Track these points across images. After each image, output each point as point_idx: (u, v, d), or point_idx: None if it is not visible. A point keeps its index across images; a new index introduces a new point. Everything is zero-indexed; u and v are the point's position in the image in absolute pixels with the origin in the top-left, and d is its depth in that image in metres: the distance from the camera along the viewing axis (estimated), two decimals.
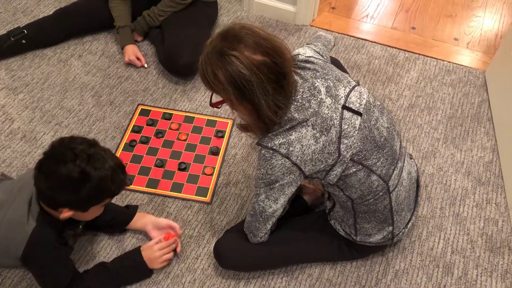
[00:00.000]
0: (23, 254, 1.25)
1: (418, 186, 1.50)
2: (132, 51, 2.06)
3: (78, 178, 1.16)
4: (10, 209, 1.28)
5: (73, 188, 1.18)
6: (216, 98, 1.23)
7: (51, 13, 2.15)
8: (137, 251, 1.45)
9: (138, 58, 2.06)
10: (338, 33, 2.30)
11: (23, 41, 2.05)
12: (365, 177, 1.25)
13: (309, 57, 1.30)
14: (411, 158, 1.49)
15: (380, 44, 2.27)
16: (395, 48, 2.25)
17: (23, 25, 2.10)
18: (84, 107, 1.92)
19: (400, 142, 1.35)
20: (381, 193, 1.30)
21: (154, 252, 1.45)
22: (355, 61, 2.17)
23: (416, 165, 1.50)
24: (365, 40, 2.28)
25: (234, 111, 1.23)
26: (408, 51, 2.24)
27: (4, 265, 1.45)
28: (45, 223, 1.27)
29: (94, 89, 1.98)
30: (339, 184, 1.27)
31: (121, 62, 2.09)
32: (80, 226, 1.42)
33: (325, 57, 1.42)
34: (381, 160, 1.26)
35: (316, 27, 2.32)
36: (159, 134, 1.83)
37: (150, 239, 1.51)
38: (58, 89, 1.97)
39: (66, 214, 1.24)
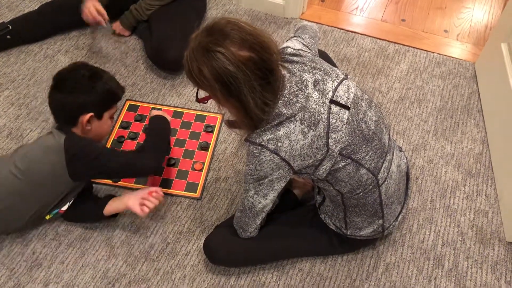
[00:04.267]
0: (67, 157, 1.35)
1: (408, 178, 1.50)
2: (92, 4, 1.89)
3: (90, 76, 1.38)
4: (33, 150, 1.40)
5: (89, 86, 1.37)
6: (202, 94, 1.21)
7: (36, 8, 2.12)
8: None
9: (98, 13, 1.89)
10: (328, 25, 2.28)
11: (8, 36, 2.02)
12: (354, 171, 1.25)
13: (298, 50, 1.29)
14: (400, 151, 1.48)
15: (370, 36, 2.26)
16: (385, 40, 2.24)
17: (8, 20, 2.06)
18: None
19: (389, 135, 1.34)
20: (370, 187, 1.29)
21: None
22: (345, 54, 2.16)
23: (406, 157, 1.50)
24: (355, 32, 2.27)
25: (220, 107, 1.22)
26: (398, 43, 2.23)
27: (54, 195, 1.44)
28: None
29: None
30: (329, 178, 1.27)
31: (109, 57, 2.06)
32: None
33: (313, 51, 1.40)
34: (370, 153, 1.25)
35: (306, 20, 2.30)
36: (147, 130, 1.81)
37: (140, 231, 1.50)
38: (45, 85, 1.94)
39: (86, 117, 1.38)
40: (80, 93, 1.37)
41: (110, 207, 1.47)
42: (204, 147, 1.78)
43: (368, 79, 2.07)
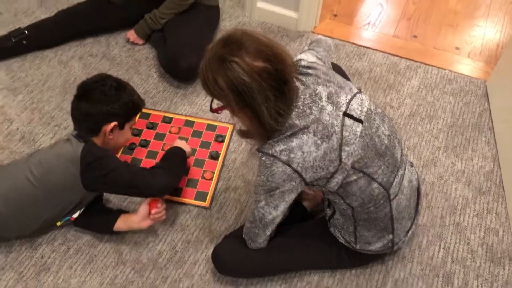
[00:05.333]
0: (82, 167, 1.36)
1: (419, 194, 1.49)
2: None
3: (116, 87, 1.42)
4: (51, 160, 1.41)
5: (115, 97, 1.41)
6: (216, 104, 1.22)
7: (52, 14, 2.15)
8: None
9: None
10: (340, 40, 2.30)
11: (24, 42, 2.05)
12: (365, 185, 1.24)
13: (312, 62, 1.30)
14: (412, 166, 1.48)
15: (382, 51, 2.27)
16: (397, 56, 2.25)
17: (24, 26, 2.09)
18: None
19: (401, 150, 1.34)
20: (381, 201, 1.29)
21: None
22: (356, 68, 2.16)
23: (417, 173, 1.50)
24: (366, 47, 2.28)
25: (234, 117, 1.22)
26: (409, 59, 2.24)
27: (64, 206, 1.45)
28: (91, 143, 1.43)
29: None
30: (340, 191, 1.26)
31: (122, 65, 2.08)
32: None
33: (327, 64, 1.41)
34: (382, 167, 1.25)
35: (318, 34, 2.32)
36: (159, 137, 1.82)
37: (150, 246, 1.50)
38: (58, 91, 1.96)
39: (110, 125, 1.41)
40: (106, 103, 1.40)
41: (119, 226, 1.48)
42: (215, 157, 1.78)
43: (379, 93, 2.07)
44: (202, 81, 1.15)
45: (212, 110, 1.24)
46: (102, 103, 1.40)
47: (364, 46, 2.29)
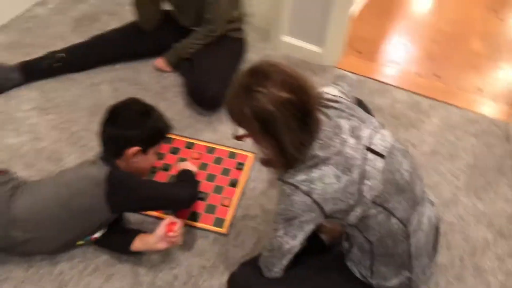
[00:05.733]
0: (109, 190, 1.39)
1: (437, 233, 1.48)
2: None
3: (141, 113, 1.44)
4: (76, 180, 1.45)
5: (139, 123, 1.43)
6: (240, 131, 1.25)
7: (86, 39, 2.24)
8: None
9: None
10: (362, 76, 2.33)
11: (58, 64, 2.13)
12: (385, 220, 1.25)
13: (335, 96, 1.32)
14: (432, 204, 1.47)
15: (404, 89, 2.29)
16: (419, 94, 2.27)
17: (59, 49, 2.18)
18: None
19: (422, 187, 1.35)
20: (400, 237, 1.28)
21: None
22: (378, 105, 2.19)
23: (436, 211, 1.49)
24: (389, 84, 2.31)
25: (257, 145, 1.25)
26: (431, 98, 2.25)
27: (91, 224, 1.48)
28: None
29: None
30: (359, 225, 1.27)
31: (150, 91, 2.15)
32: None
33: (350, 98, 1.44)
34: (402, 203, 1.25)
35: (341, 69, 2.36)
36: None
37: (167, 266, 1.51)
38: (87, 112, 2.03)
39: (132, 149, 1.43)
40: (129, 128, 1.43)
41: (137, 246, 1.50)
42: (234, 184, 1.80)
43: (400, 130, 2.08)
44: (227, 108, 1.19)
45: (235, 137, 1.27)
46: (125, 127, 1.43)
47: (386, 83, 2.31)
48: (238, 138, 1.26)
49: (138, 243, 1.50)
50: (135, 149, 1.44)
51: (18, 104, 2.03)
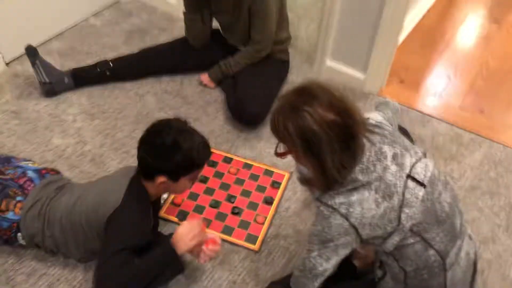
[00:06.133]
0: (112, 214, 1.35)
1: (475, 269, 1.44)
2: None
3: (170, 146, 1.37)
4: (115, 175, 1.51)
5: (166, 155, 1.37)
6: (282, 149, 1.26)
7: (135, 51, 2.32)
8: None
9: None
10: (405, 105, 2.32)
11: (108, 73, 2.22)
12: (422, 250, 1.23)
13: (379, 122, 1.33)
14: (470, 239, 1.44)
15: (446, 122, 2.26)
16: (461, 128, 2.24)
17: (110, 59, 2.27)
18: None
19: (462, 220, 1.32)
20: (436, 270, 1.26)
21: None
22: (419, 135, 2.17)
23: (475, 247, 1.45)
24: (431, 116, 2.29)
25: (298, 163, 1.26)
26: (474, 133, 2.22)
27: (80, 238, 1.48)
28: (138, 191, 1.43)
29: None
30: (395, 253, 1.25)
31: (193, 104, 2.20)
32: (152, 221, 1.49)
33: (394, 125, 1.44)
34: (441, 235, 1.23)
35: (383, 97, 2.35)
36: (218, 175, 1.89)
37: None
38: (131, 120, 2.09)
39: (160, 179, 1.40)
40: (158, 158, 1.39)
41: (174, 240, 1.43)
42: (269, 202, 1.81)
43: (440, 162, 2.05)
44: (272, 124, 1.20)
45: (277, 154, 1.28)
46: (153, 156, 1.39)
47: (428, 114, 2.29)
48: (280, 155, 1.27)
49: (176, 241, 1.43)
50: (162, 179, 1.40)
51: (67, 108, 2.12)
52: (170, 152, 1.37)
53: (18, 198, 1.47)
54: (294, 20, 2.42)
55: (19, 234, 1.48)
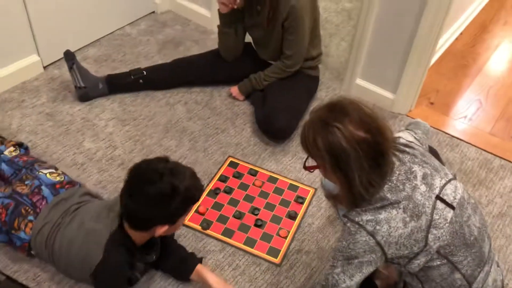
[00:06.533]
0: (95, 269, 1.33)
1: None
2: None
3: (170, 193, 1.26)
4: (94, 224, 1.40)
5: (165, 203, 1.28)
6: (311, 163, 1.27)
7: (168, 61, 2.37)
8: None
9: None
10: (433, 127, 2.30)
11: (141, 80, 2.27)
12: (448, 273, 1.21)
13: (410, 142, 1.32)
14: (498, 266, 1.41)
15: (475, 146, 2.23)
16: (491, 153, 2.20)
17: (144, 67, 2.32)
18: (180, 149, 2.05)
19: (490, 245, 1.30)
20: None
21: None
22: (447, 158, 2.14)
23: (502, 275, 1.42)
24: (460, 139, 2.26)
25: (326, 178, 1.26)
26: (504, 159, 2.18)
27: (76, 278, 1.53)
28: (120, 241, 1.35)
29: (193, 134, 2.12)
30: (420, 275, 1.24)
31: (221, 116, 2.23)
32: (154, 257, 1.48)
33: (424, 146, 1.43)
34: (468, 259, 1.21)
35: (412, 118, 2.34)
36: (243, 187, 1.90)
37: None
38: (161, 128, 2.13)
39: (161, 230, 1.33)
40: (155, 210, 1.29)
41: (193, 277, 1.51)
42: (293, 216, 1.81)
43: (468, 187, 2.02)
44: (301, 138, 1.21)
45: (305, 167, 1.29)
46: (150, 208, 1.28)
47: (457, 138, 2.27)
48: (308, 168, 1.28)
49: (195, 277, 1.53)
50: (163, 228, 1.32)
51: (100, 113, 2.17)
52: (170, 199, 1.27)
53: (30, 218, 1.49)
54: (326, 38, 2.44)
55: (32, 251, 1.52)
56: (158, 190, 1.26)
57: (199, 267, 1.54)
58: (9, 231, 1.49)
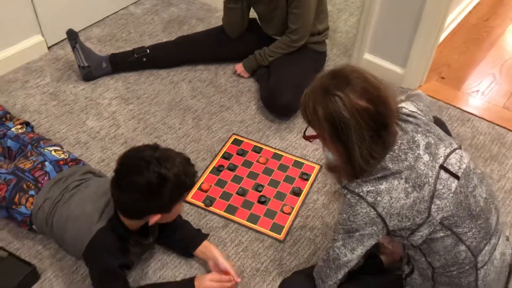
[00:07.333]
0: (84, 251, 1.33)
1: (510, 272, 1.36)
2: None
3: (157, 182, 1.22)
4: (87, 205, 1.39)
5: (155, 193, 1.24)
6: (310, 132, 1.23)
7: (173, 39, 2.34)
8: (189, 282, 1.43)
9: None
10: (444, 102, 2.23)
11: (144, 59, 2.25)
12: (452, 245, 1.17)
13: (413, 111, 1.28)
14: (507, 240, 1.36)
15: (488, 121, 2.16)
16: (504, 128, 2.13)
17: (147, 45, 2.30)
18: (184, 127, 2.02)
19: (498, 217, 1.25)
20: (467, 267, 1.19)
21: (205, 281, 1.42)
22: (458, 133, 2.08)
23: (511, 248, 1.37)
24: (471, 114, 2.19)
25: (325, 148, 1.23)
26: None
27: (74, 255, 1.53)
28: (112, 228, 1.34)
29: (196, 112, 2.10)
30: (423, 247, 1.20)
31: (226, 93, 2.20)
32: (151, 239, 1.47)
33: (427, 117, 1.38)
34: (473, 230, 1.17)
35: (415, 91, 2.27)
36: (247, 164, 1.87)
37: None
38: (164, 107, 2.11)
39: (154, 219, 1.31)
40: (147, 200, 1.26)
41: (198, 253, 1.51)
42: (297, 193, 1.78)
43: (479, 162, 1.96)
44: (302, 106, 1.17)
45: (304, 136, 1.25)
46: (141, 199, 1.25)
47: (469, 112, 2.20)
48: (307, 138, 1.24)
49: (200, 252, 1.52)
50: (156, 217, 1.30)
51: (104, 92, 2.16)
52: (158, 188, 1.23)
53: (31, 192, 1.49)
54: (334, 13, 2.39)
55: (33, 226, 1.52)
56: (145, 180, 1.22)
57: (205, 243, 1.53)
58: (9, 207, 1.50)
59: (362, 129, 1.09)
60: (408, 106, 1.33)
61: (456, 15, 2.74)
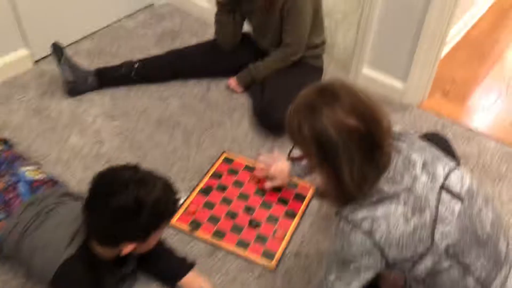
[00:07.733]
0: (51, 280, 1.21)
1: None
2: None
3: (133, 207, 1.11)
4: (58, 231, 1.27)
5: (131, 218, 1.13)
6: (296, 152, 1.12)
7: (163, 52, 2.24)
8: None
9: None
10: (448, 119, 2.12)
11: (132, 73, 2.15)
12: (459, 278, 1.04)
13: (403, 130, 1.17)
14: None
15: (495, 139, 2.04)
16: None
17: (136, 59, 2.20)
18: (172, 144, 1.91)
19: (508, 245, 1.12)
20: None
21: None
22: (463, 152, 1.96)
23: None
24: (477, 132, 2.07)
25: (312, 170, 1.11)
26: None
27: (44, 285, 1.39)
28: (81, 256, 1.22)
29: (186, 129, 1.99)
30: (427, 281, 1.07)
31: (217, 109, 2.09)
32: (129, 269, 1.35)
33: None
34: (482, 260, 1.04)
35: (424, 110, 2.16)
36: (237, 184, 1.75)
37: None
38: (152, 123, 2.00)
39: (128, 248, 1.19)
40: (120, 225, 1.14)
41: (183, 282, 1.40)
42: (290, 215, 1.66)
43: (487, 183, 1.84)
44: (286, 124, 1.07)
45: (289, 157, 1.14)
46: (113, 224, 1.14)
47: (474, 130, 2.08)
48: (293, 159, 1.13)
49: (185, 283, 1.40)
50: (130, 246, 1.18)
51: (89, 108, 2.05)
52: (133, 214, 1.12)
53: (0, 216, 1.37)
54: (332, 26, 2.29)
55: (4, 251, 1.40)
56: (121, 202, 1.11)
57: (191, 273, 1.41)
58: None
59: (351, 151, 0.98)
60: (397, 128, 1.21)
61: (460, 28, 2.65)
